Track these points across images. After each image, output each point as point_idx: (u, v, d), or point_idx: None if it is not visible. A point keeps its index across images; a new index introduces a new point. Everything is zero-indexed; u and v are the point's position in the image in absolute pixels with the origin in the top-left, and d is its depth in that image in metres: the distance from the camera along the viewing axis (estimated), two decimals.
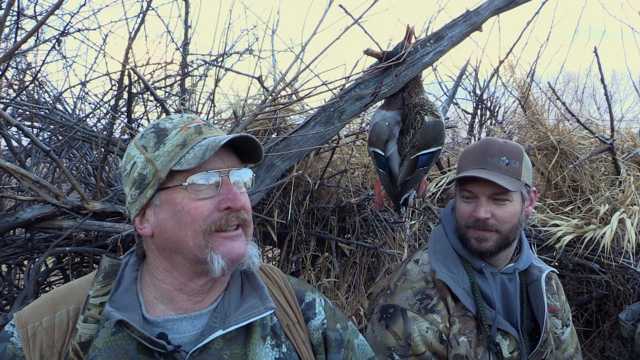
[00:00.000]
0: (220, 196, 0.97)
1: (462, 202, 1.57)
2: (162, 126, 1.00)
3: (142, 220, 1.00)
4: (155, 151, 0.97)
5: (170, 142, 0.97)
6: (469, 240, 1.54)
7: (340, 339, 1.14)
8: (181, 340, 0.97)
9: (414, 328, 1.47)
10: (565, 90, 5.30)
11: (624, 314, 2.40)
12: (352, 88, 2.01)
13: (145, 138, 1.00)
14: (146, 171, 0.96)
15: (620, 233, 2.62)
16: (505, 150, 1.54)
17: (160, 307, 1.00)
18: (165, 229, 0.97)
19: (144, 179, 0.97)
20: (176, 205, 0.95)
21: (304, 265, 2.57)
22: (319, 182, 2.52)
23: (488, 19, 2.04)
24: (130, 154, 1.00)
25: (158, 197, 0.97)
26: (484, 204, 1.51)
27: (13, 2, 1.78)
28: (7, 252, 2.31)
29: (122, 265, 1.04)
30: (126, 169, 1.00)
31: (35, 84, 3.11)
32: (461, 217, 1.56)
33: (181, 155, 0.95)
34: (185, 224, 0.95)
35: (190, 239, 0.96)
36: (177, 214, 0.96)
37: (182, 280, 1.00)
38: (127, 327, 0.93)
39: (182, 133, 0.98)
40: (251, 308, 1.01)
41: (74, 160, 3.00)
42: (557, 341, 1.62)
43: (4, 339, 0.97)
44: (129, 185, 1.00)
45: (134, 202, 0.99)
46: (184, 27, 3.23)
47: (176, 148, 0.96)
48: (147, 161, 0.97)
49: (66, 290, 1.04)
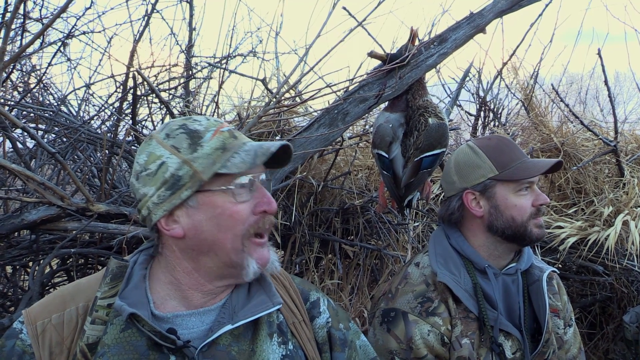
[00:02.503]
0: (255, 200, 1.00)
1: (518, 197, 1.52)
2: (193, 128, 0.99)
3: (169, 221, 0.99)
4: (191, 153, 0.96)
5: (208, 145, 0.97)
6: (530, 232, 1.53)
7: (344, 339, 1.15)
8: (190, 336, 0.98)
9: (416, 331, 1.47)
10: (569, 92, 5.28)
11: (628, 316, 2.40)
12: (356, 90, 2.01)
13: (175, 139, 0.98)
14: (182, 172, 0.95)
15: (624, 235, 2.61)
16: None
17: (172, 303, 1.02)
18: (201, 230, 0.97)
19: (178, 179, 0.96)
20: (216, 207, 0.97)
21: (307, 267, 2.57)
22: (322, 184, 2.52)
23: (492, 21, 2.04)
24: (154, 153, 0.98)
25: (195, 199, 0.97)
26: (539, 191, 1.55)
27: (19, 5, 1.79)
28: (12, 254, 2.32)
29: (130, 263, 1.04)
30: (149, 169, 0.97)
31: (40, 87, 3.13)
32: (524, 212, 1.52)
33: (225, 158, 0.96)
34: (225, 227, 0.97)
35: (229, 242, 0.98)
36: (217, 217, 0.97)
37: (201, 282, 1.02)
38: (138, 321, 0.93)
39: (218, 137, 0.98)
40: (259, 304, 1.02)
41: (78, 162, 3.02)
42: (559, 341, 1.62)
43: (13, 335, 0.97)
44: (155, 185, 0.97)
45: (162, 202, 0.97)
46: (188, 29, 3.25)
47: (217, 151, 0.97)
48: (183, 162, 0.96)
49: (75, 287, 1.04)
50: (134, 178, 1.01)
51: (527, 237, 1.53)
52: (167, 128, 1.01)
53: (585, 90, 5.48)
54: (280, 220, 2.45)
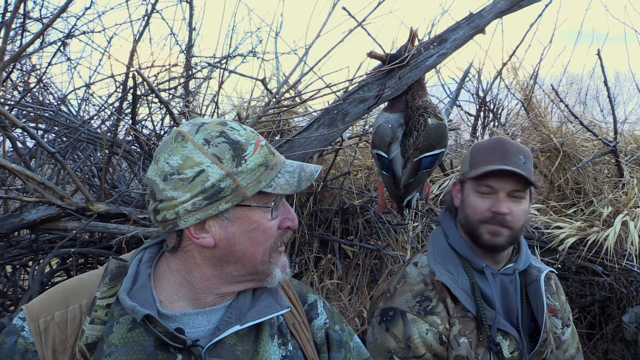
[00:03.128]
0: (282, 216, 1.04)
1: (477, 197, 1.54)
2: (234, 138, 0.98)
3: (198, 229, 0.98)
4: (236, 166, 0.96)
5: (252, 160, 0.97)
6: (481, 235, 1.53)
7: (340, 340, 1.17)
8: (196, 334, 0.99)
9: (414, 330, 1.48)
10: (568, 92, 5.29)
11: (627, 316, 2.40)
12: (356, 90, 2.02)
13: (217, 147, 0.96)
14: (224, 184, 0.95)
15: (623, 235, 2.61)
16: (521, 149, 1.55)
17: (180, 303, 1.02)
18: (233, 243, 0.99)
19: (219, 191, 0.95)
20: (252, 223, 0.99)
21: (307, 267, 2.58)
22: (322, 184, 2.53)
23: (491, 21, 2.04)
24: (191, 158, 0.95)
25: (231, 212, 0.97)
26: (504, 199, 1.51)
27: (19, 5, 1.80)
28: (12, 253, 2.33)
29: (135, 261, 1.03)
30: (184, 174, 0.94)
31: (40, 86, 3.13)
32: (475, 212, 1.54)
33: (269, 177, 0.99)
34: (258, 241, 1.00)
35: (259, 255, 1.01)
36: (251, 232, 0.99)
37: (217, 285, 1.03)
38: (150, 321, 0.93)
39: (260, 152, 1.00)
40: (268, 306, 1.04)
41: (78, 162, 3.02)
42: (557, 341, 1.63)
43: (14, 332, 0.96)
44: (189, 192, 0.94)
45: (196, 210, 0.95)
46: (188, 29, 3.25)
47: (260, 168, 0.98)
48: (227, 175, 0.95)
49: (77, 284, 1.03)
50: (158, 177, 0.96)
51: (479, 239, 1.54)
52: (204, 132, 0.98)
53: (585, 91, 5.49)
54: None
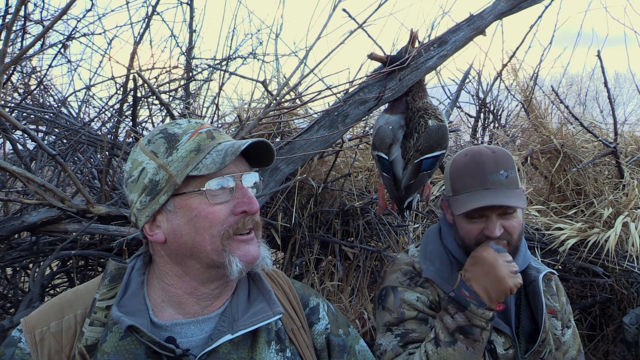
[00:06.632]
0: (235, 200, 0.98)
1: (467, 222, 1.50)
2: (172, 131, 1.00)
3: (153, 226, 0.99)
4: (167, 157, 0.97)
5: (184, 147, 0.97)
6: None
7: (343, 344, 1.15)
8: (189, 344, 0.98)
9: (404, 298, 1.51)
10: (568, 94, 5.30)
11: (628, 317, 2.40)
12: (356, 92, 2.02)
13: (155, 144, 0.99)
14: (159, 177, 0.96)
15: (624, 236, 2.61)
16: (499, 162, 1.48)
17: (169, 311, 1.01)
18: (180, 234, 0.97)
19: (156, 185, 0.96)
20: (192, 210, 0.96)
21: (307, 269, 2.58)
22: (322, 186, 2.53)
23: (491, 23, 2.05)
24: (136, 160, 0.99)
25: (172, 203, 0.97)
26: (495, 222, 1.47)
27: (20, 7, 1.80)
28: (13, 256, 2.33)
29: (128, 269, 1.04)
30: (132, 176, 0.99)
31: (40, 88, 3.14)
32: (469, 237, 1.51)
33: (197, 160, 0.96)
34: (202, 228, 0.96)
35: (208, 243, 0.96)
36: (193, 219, 0.96)
37: (194, 285, 1.01)
38: (137, 332, 0.93)
39: (195, 138, 0.98)
40: (259, 312, 1.01)
41: (78, 164, 3.02)
42: (557, 342, 1.62)
43: (12, 344, 0.97)
44: (137, 192, 0.99)
45: (144, 208, 0.98)
46: (189, 31, 3.26)
47: (191, 154, 0.96)
48: (159, 167, 0.96)
49: (73, 294, 1.04)
50: (124, 185, 1.03)
51: None
52: (150, 134, 1.02)
53: (585, 92, 5.49)
54: (281, 222, 2.45)
